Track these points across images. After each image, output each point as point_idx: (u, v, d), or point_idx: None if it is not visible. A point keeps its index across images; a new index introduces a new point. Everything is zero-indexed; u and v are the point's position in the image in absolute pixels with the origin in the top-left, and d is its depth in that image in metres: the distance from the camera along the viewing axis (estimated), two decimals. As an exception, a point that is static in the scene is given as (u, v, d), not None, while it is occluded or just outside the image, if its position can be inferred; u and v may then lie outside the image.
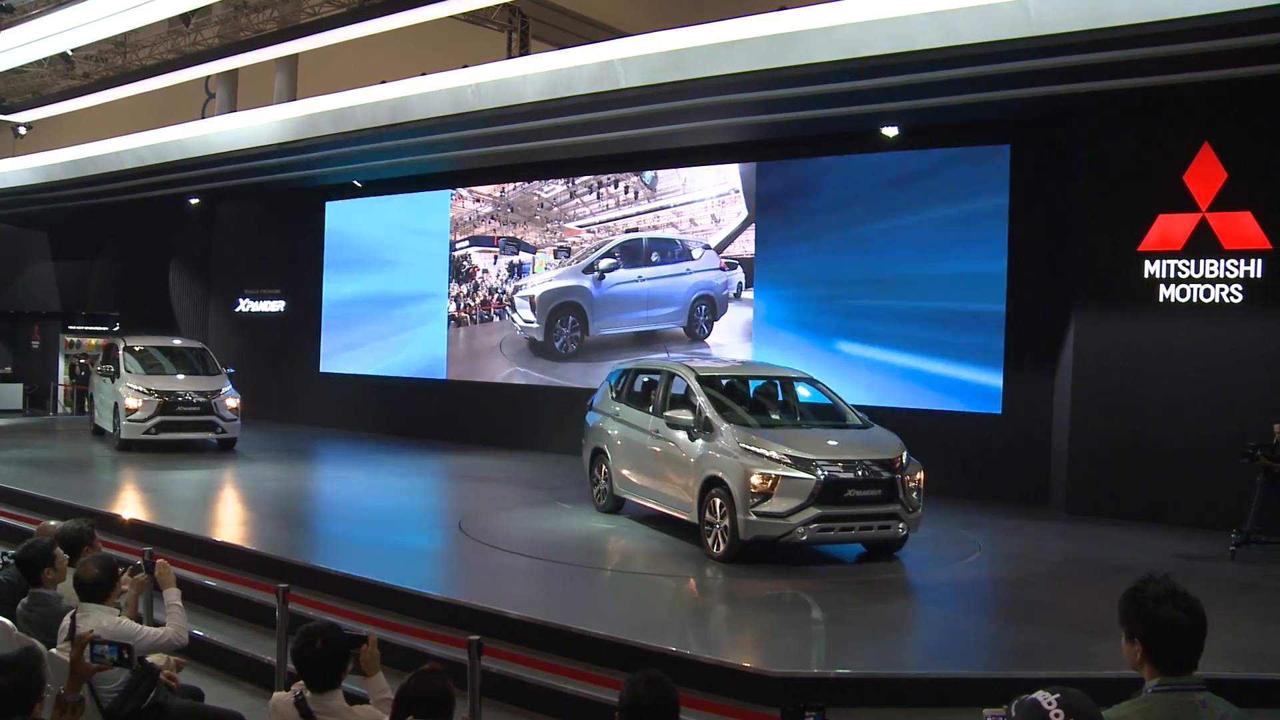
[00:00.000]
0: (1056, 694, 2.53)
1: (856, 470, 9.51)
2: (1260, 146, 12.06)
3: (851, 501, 9.47)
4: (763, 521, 9.34)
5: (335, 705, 4.08)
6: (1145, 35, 10.07)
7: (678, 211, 17.15)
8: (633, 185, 17.66)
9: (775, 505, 9.32)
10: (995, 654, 7.72)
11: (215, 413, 16.81)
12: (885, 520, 9.63)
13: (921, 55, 11.13)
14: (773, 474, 9.35)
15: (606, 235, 17.92)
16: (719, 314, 16.67)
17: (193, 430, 16.79)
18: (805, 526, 9.30)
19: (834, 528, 9.48)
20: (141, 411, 16.45)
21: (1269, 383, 11.83)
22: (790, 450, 9.53)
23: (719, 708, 6.02)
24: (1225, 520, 11.00)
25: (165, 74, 20.21)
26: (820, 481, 9.31)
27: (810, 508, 9.30)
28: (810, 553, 10.16)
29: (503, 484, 14.66)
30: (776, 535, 9.38)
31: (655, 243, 17.44)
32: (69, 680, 3.83)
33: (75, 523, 6.08)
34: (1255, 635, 7.71)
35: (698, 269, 16.96)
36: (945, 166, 14.47)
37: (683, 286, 17.11)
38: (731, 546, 9.56)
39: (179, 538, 10.27)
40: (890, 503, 9.61)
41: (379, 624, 6.79)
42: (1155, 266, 12.54)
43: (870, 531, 9.70)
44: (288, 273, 23.17)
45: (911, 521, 9.81)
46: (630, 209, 17.66)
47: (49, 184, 22.33)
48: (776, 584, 9.16)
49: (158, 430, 16.50)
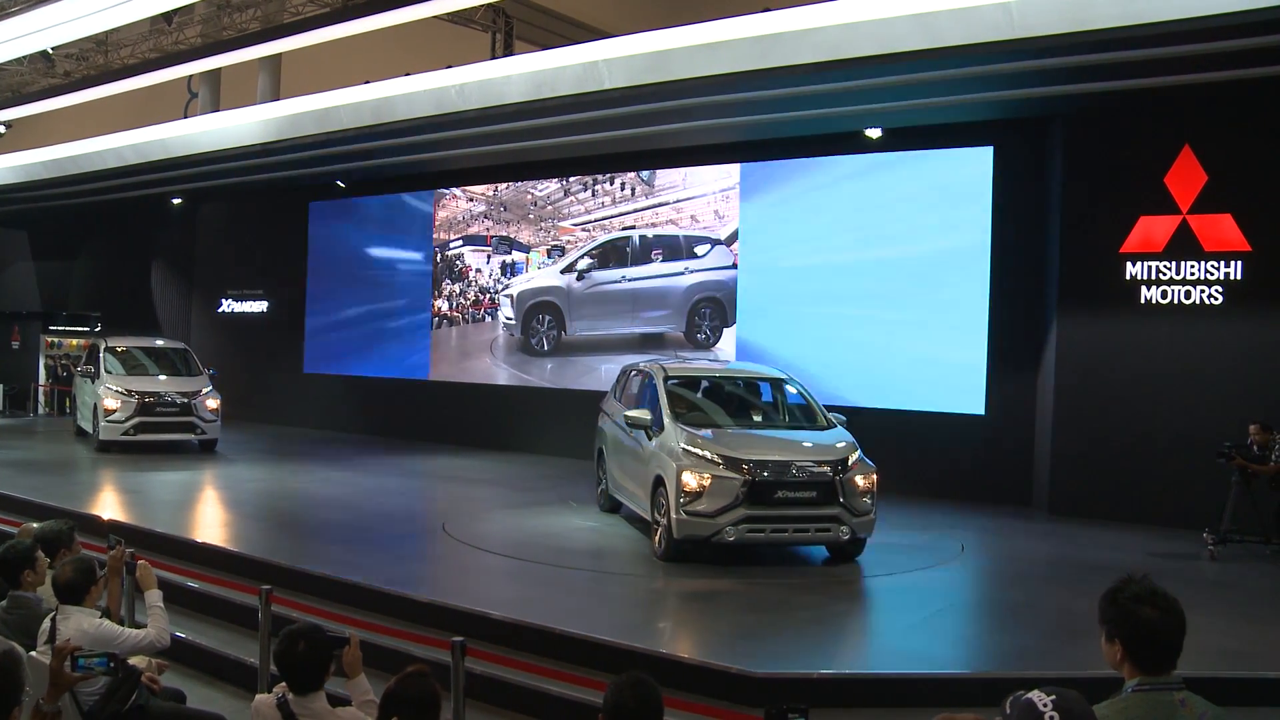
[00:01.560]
0: (1052, 695, 2.52)
1: (789, 472, 9.37)
2: (1240, 149, 12.15)
3: (783, 503, 9.35)
4: (693, 521, 9.29)
5: (317, 707, 4.07)
6: (1127, 38, 10.14)
7: (677, 208, 16.82)
8: (629, 182, 17.43)
9: (704, 505, 9.25)
10: (978, 654, 7.75)
11: (194, 414, 16.70)
12: (823, 523, 9.43)
13: (905, 57, 11.16)
14: (704, 474, 9.28)
15: (602, 233, 17.76)
16: (731, 319, 16.08)
17: (171, 431, 16.66)
18: (734, 527, 9.22)
19: (765, 529, 9.36)
20: (120, 412, 16.35)
21: (1248, 384, 11.92)
22: (724, 450, 9.45)
23: (702, 708, 6.04)
24: (1206, 521, 11.08)
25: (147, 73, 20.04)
26: (748, 482, 9.22)
27: (738, 508, 9.22)
28: (787, 555, 10.18)
29: (488, 485, 14.64)
30: (706, 535, 9.30)
31: (648, 241, 17.07)
32: (49, 690, 3.76)
33: (54, 523, 6.04)
34: (1234, 634, 7.76)
35: (700, 268, 16.36)
36: (928, 168, 14.51)
37: (677, 288, 16.65)
38: (669, 546, 9.56)
39: (161, 539, 10.23)
40: (827, 505, 9.38)
41: (362, 625, 6.78)
42: (1137, 268, 12.61)
43: (806, 534, 9.54)
44: (271, 273, 23.08)
45: (858, 525, 9.53)
46: (627, 206, 17.45)
47: (29, 183, 22.19)
48: (757, 584, 9.17)
49: (136, 431, 16.40)
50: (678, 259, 16.77)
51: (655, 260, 16.98)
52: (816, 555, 10.33)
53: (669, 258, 16.82)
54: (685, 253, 16.72)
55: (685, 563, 9.58)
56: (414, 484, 15.36)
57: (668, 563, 9.59)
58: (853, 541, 9.73)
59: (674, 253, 16.80)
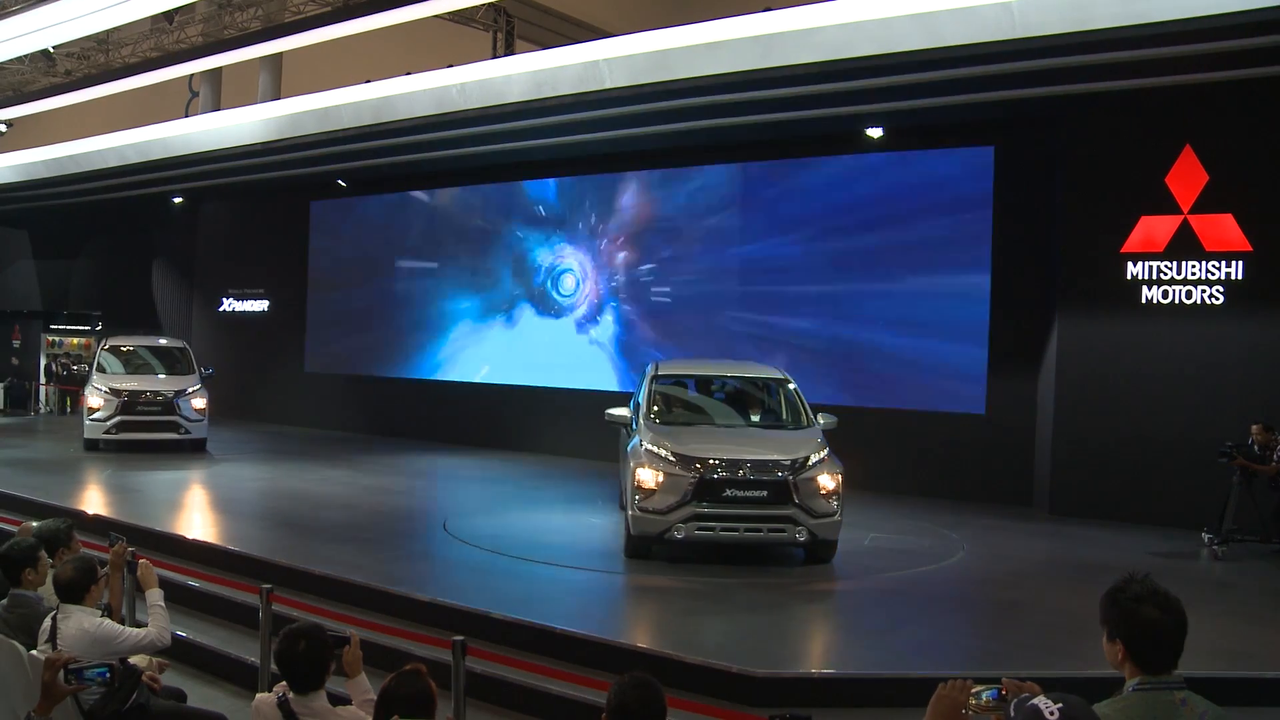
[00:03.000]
0: (1059, 703, 2.53)
1: (739, 470, 9.29)
2: (1241, 149, 12.15)
3: (732, 502, 9.27)
4: (645, 517, 9.33)
5: (318, 706, 4.06)
6: (1128, 38, 10.15)
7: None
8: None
9: (656, 502, 9.27)
10: (979, 653, 7.74)
11: (178, 413, 16.49)
12: (777, 523, 9.31)
13: (906, 57, 11.18)
14: (659, 471, 9.30)
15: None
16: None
17: (153, 430, 16.44)
18: (684, 524, 9.23)
19: (715, 527, 9.28)
20: (103, 411, 16.25)
21: (1249, 384, 11.92)
22: (679, 448, 9.44)
23: (705, 709, 6.02)
24: (1207, 520, 11.10)
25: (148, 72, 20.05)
26: (697, 480, 9.20)
27: (687, 505, 9.21)
28: (787, 555, 10.18)
29: (490, 484, 14.64)
30: (657, 532, 9.34)
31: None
32: (40, 701, 3.72)
33: (53, 522, 6.04)
34: (1234, 634, 7.75)
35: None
36: (930, 168, 14.51)
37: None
38: (628, 542, 9.64)
39: (162, 538, 10.22)
40: (780, 505, 9.25)
41: (363, 624, 6.77)
42: (1138, 268, 12.61)
43: (758, 534, 9.38)
44: (272, 273, 23.08)
45: (818, 527, 9.33)
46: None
47: (30, 182, 22.21)
48: (756, 584, 9.16)
49: (118, 430, 16.25)
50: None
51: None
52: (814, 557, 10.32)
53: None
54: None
55: (689, 562, 9.58)
56: (415, 483, 15.35)
57: (633, 558, 9.67)
58: (818, 543, 9.54)
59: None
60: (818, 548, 9.63)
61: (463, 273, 19.58)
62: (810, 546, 9.62)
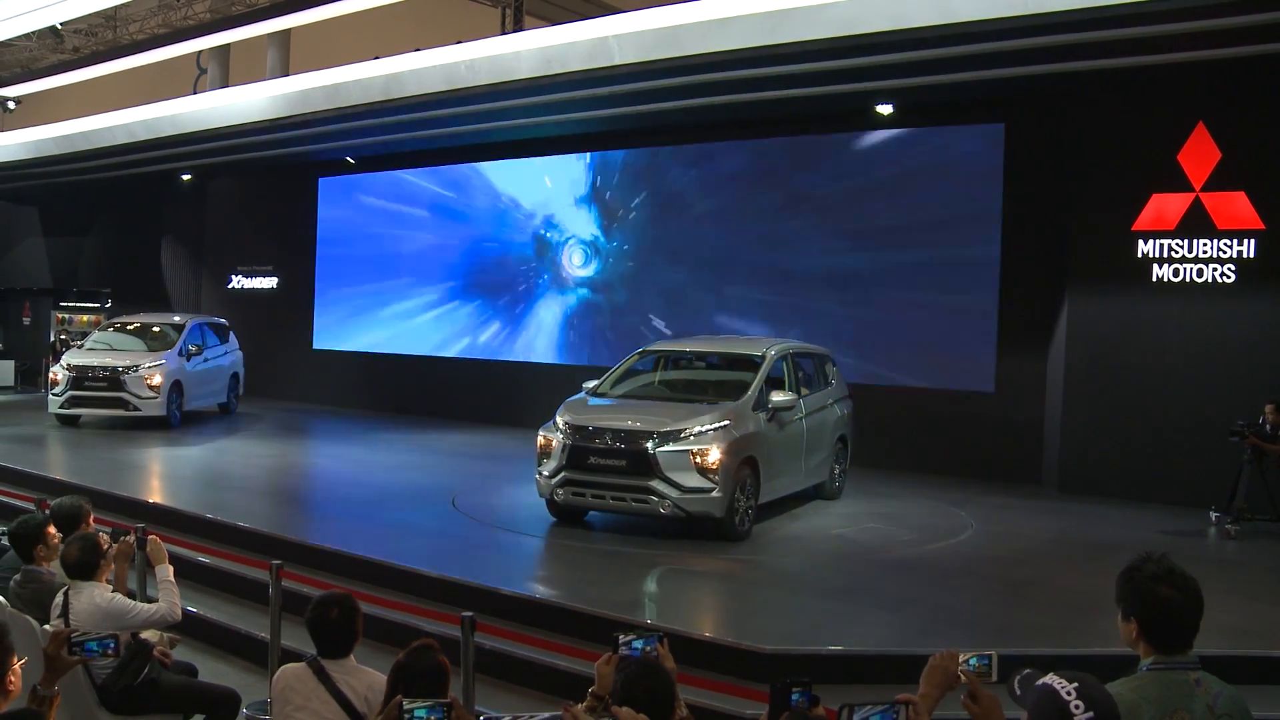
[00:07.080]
0: (1075, 683, 2.51)
1: (600, 439, 9.59)
2: (1254, 126, 12.05)
3: (596, 469, 9.59)
4: (539, 480, 9.99)
5: (350, 666, 4.22)
6: (1140, 14, 10.06)
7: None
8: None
9: (545, 467, 9.91)
10: (986, 631, 7.74)
11: (125, 389, 16.43)
12: (638, 494, 9.42)
13: (916, 33, 11.10)
14: (550, 439, 9.90)
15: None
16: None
17: (100, 406, 16.59)
18: (561, 489, 9.75)
19: (585, 494, 9.69)
20: (60, 385, 16.50)
21: (1260, 363, 11.87)
22: (571, 417, 9.89)
23: (711, 684, 6.05)
24: (1217, 499, 11.08)
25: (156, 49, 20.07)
26: (565, 447, 9.68)
27: (562, 472, 9.71)
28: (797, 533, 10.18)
29: (499, 461, 14.65)
30: (546, 495, 9.98)
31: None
32: (45, 674, 3.74)
33: (71, 499, 6.07)
34: (1245, 612, 7.75)
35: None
36: (940, 145, 14.44)
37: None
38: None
39: (172, 514, 10.27)
40: (639, 476, 9.34)
41: (372, 600, 6.81)
42: (1149, 246, 12.54)
43: (623, 503, 9.62)
44: (280, 249, 23.05)
45: (684, 502, 9.23)
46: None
47: (40, 159, 22.19)
48: (761, 562, 9.19)
49: (70, 405, 16.48)
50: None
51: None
52: (822, 534, 10.34)
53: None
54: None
55: (698, 539, 9.59)
56: (424, 460, 15.37)
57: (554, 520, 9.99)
58: (702, 519, 9.38)
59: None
60: (716, 526, 9.46)
61: (473, 249, 19.55)
62: (685, 520, 9.46)
